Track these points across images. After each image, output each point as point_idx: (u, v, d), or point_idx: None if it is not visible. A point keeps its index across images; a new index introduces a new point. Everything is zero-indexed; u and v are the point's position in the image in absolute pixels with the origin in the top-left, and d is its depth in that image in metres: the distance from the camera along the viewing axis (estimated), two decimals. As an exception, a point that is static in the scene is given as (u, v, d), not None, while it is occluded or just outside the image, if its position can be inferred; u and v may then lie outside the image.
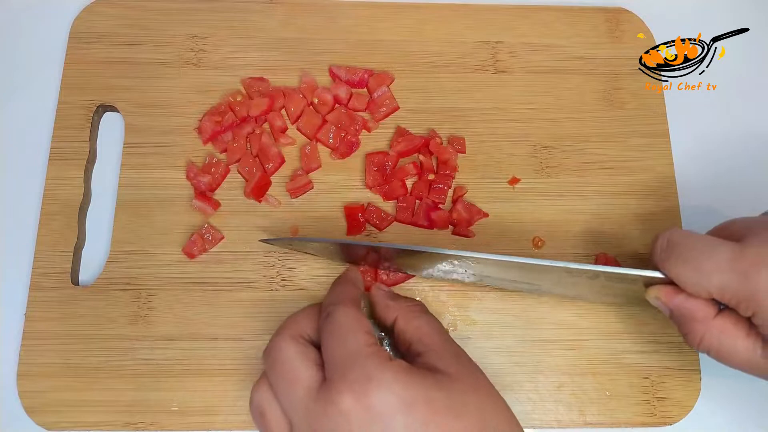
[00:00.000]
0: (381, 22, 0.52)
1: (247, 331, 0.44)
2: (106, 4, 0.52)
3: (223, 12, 0.52)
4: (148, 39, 0.51)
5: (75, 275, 0.46)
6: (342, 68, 0.50)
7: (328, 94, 0.49)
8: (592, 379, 0.44)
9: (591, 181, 0.49)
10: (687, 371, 0.45)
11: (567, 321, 0.46)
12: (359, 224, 0.46)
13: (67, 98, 0.49)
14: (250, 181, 0.47)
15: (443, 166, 0.48)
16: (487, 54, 0.52)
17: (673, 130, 0.51)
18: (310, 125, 0.49)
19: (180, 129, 0.49)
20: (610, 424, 0.44)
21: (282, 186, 0.48)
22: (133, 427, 0.42)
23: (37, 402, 0.43)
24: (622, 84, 0.52)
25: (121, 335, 0.44)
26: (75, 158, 0.48)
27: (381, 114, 0.49)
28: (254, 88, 0.50)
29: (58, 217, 0.46)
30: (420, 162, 0.48)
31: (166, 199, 0.47)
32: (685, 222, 0.48)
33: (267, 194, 0.47)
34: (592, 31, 0.53)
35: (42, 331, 0.44)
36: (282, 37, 0.52)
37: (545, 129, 0.50)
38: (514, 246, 0.47)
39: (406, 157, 0.49)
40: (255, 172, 0.47)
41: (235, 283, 0.45)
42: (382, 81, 0.50)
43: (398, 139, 0.48)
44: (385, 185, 0.47)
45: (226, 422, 0.43)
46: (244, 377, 0.43)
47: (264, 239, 0.46)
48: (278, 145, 0.48)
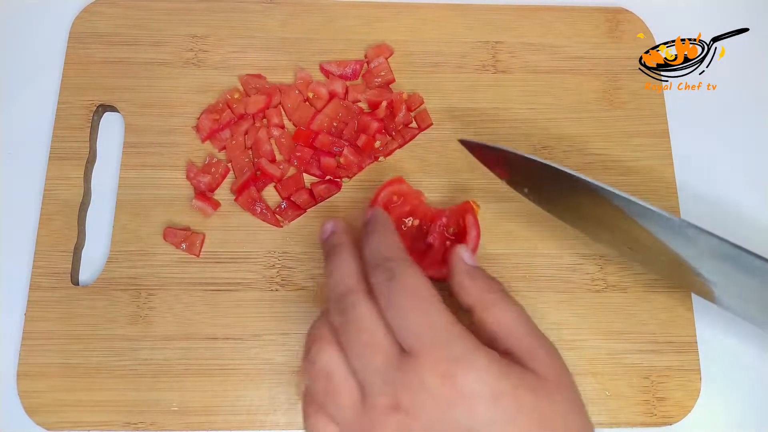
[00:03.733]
0: (381, 22, 0.52)
1: (247, 331, 0.44)
2: (106, 4, 0.52)
3: (223, 12, 0.52)
4: (148, 39, 0.51)
5: (75, 275, 0.46)
6: (332, 63, 0.50)
7: (323, 88, 0.49)
8: (592, 379, 0.44)
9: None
10: (687, 371, 0.45)
11: (567, 321, 0.46)
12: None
13: (67, 98, 0.49)
14: (239, 178, 0.47)
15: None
16: (487, 54, 0.52)
17: (673, 130, 0.51)
18: (304, 120, 0.49)
19: (180, 129, 0.49)
20: (610, 424, 0.44)
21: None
22: (133, 427, 0.42)
23: (37, 402, 0.43)
24: (622, 84, 0.52)
25: (121, 335, 0.44)
26: (75, 158, 0.48)
27: (375, 84, 0.50)
28: (252, 85, 0.50)
29: (58, 217, 0.46)
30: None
31: (166, 199, 0.47)
32: (685, 222, 0.48)
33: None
34: (592, 31, 0.53)
35: (42, 331, 0.44)
36: (282, 37, 0.52)
37: (545, 129, 0.50)
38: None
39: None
40: (246, 172, 0.47)
41: (235, 283, 0.45)
42: (380, 52, 0.51)
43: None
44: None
45: (226, 422, 0.43)
46: (244, 377, 0.43)
47: (463, 140, 0.44)
48: (272, 141, 0.48)
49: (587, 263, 0.47)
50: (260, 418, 0.43)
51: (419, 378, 0.30)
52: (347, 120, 0.49)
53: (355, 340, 0.31)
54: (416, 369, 0.30)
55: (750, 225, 0.50)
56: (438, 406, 0.29)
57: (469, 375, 0.29)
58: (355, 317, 0.32)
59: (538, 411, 0.30)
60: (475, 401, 0.29)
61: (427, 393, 0.29)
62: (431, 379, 0.29)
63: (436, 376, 0.29)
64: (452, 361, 0.30)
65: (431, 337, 0.31)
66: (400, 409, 0.30)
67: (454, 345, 0.30)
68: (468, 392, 0.29)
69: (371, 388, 0.31)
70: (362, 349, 0.31)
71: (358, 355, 0.31)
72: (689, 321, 0.46)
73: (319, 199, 0.47)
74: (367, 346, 0.31)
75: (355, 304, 0.32)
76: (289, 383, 0.44)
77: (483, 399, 0.29)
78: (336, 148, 0.48)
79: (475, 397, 0.29)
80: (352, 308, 0.32)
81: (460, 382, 0.29)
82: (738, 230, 0.49)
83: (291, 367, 0.44)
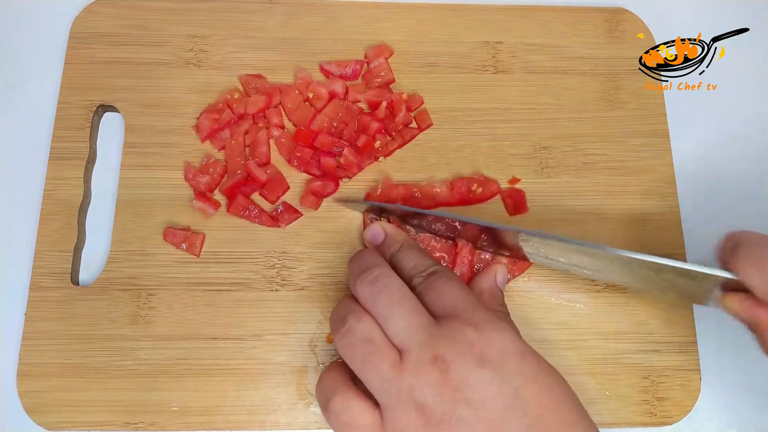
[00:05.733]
0: (381, 22, 0.52)
1: (247, 331, 0.44)
2: (106, 4, 0.52)
3: (223, 12, 0.52)
4: (148, 39, 0.51)
5: (75, 275, 0.46)
6: (332, 63, 0.50)
7: (323, 88, 0.49)
8: (592, 379, 0.44)
9: (591, 181, 0.49)
10: (687, 371, 0.45)
11: (567, 321, 0.46)
12: None
13: (67, 98, 0.49)
14: (229, 179, 0.47)
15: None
16: (486, 54, 0.52)
17: (673, 130, 0.51)
18: (304, 120, 0.49)
19: (180, 129, 0.49)
20: (610, 424, 0.44)
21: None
22: (133, 427, 0.42)
23: (37, 402, 0.43)
24: (622, 84, 0.52)
25: (121, 335, 0.44)
26: (75, 158, 0.48)
27: (375, 84, 0.50)
28: (252, 85, 0.50)
29: (58, 217, 0.46)
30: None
31: (166, 199, 0.47)
32: (685, 222, 0.48)
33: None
34: (591, 31, 0.53)
35: (42, 331, 0.44)
36: (282, 37, 0.52)
37: (545, 129, 0.50)
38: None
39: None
40: (237, 174, 0.47)
41: (235, 283, 0.45)
42: (380, 52, 0.51)
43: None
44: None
45: (226, 422, 0.43)
46: (244, 377, 0.43)
47: (339, 200, 0.47)
48: (271, 141, 0.48)
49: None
50: (260, 418, 0.43)
51: (456, 333, 0.33)
52: (347, 120, 0.49)
53: (389, 305, 0.34)
54: (452, 325, 0.33)
55: (750, 225, 0.50)
56: (474, 357, 0.32)
57: (501, 332, 0.33)
58: (386, 284, 0.35)
59: (555, 375, 0.34)
60: (508, 353, 0.33)
61: (465, 344, 0.32)
62: (468, 332, 0.33)
63: (475, 331, 0.33)
64: (486, 322, 0.34)
65: (465, 306, 0.35)
66: (440, 360, 0.32)
67: (487, 312, 0.35)
68: (501, 344, 0.33)
69: (411, 345, 0.33)
70: (404, 311, 0.34)
71: (400, 317, 0.34)
72: (689, 321, 0.46)
73: (318, 196, 0.47)
74: (409, 310, 0.34)
75: (384, 275, 0.36)
76: (289, 383, 0.44)
77: (513, 353, 0.33)
78: (336, 148, 0.48)
79: (507, 349, 0.33)
80: (383, 277, 0.35)
81: (494, 337, 0.33)
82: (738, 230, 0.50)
83: (291, 367, 0.44)
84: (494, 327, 0.33)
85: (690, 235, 0.48)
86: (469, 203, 0.48)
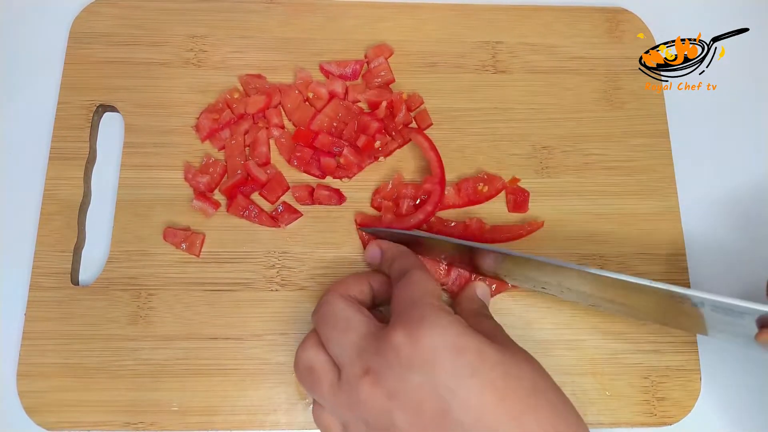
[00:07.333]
0: (381, 22, 0.52)
1: (247, 331, 0.44)
2: (106, 4, 0.52)
3: (223, 12, 0.52)
4: (148, 39, 0.51)
5: (75, 275, 0.46)
6: (332, 63, 0.50)
7: (322, 88, 0.49)
8: (592, 379, 0.44)
9: (591, 181, 0.49)
10: (687, 371, 0.45)
11: (567, 321, 0.46)
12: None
13: (67, 98, 0.49)
14: (229, 179, 0.47)
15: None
16: (486, 54, 0.52)
17: (673, 130, 0.51)
18: (304, 120, 0.49)
19: (180, 129, 0.49)
20: (610, 424, 0.44)
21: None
22: (133, 427, 0.42)
23: (37, 402, 0.43)
24: (622, 84, 0.52)
25: (121, 335, 0.44)
26: (75, 158, 0.48)
27: (375, 84, 0.50)
28: (251, 85, 0.50)
29: (58, 217, 0.46)
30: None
31: (166, 199, 0.47)
32: (685, 222, 0.48)
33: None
34: (591, 31, 0.53)
35: (42, 331, 0.44)
36: (282, 37, 0.52)
37: (545, 129, 0.50)
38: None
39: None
40: (237, 174, 0.47)
41: (235, 283, 0.45)
42: (380, 52, 0.51)
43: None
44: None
45: (226, 422, 0.43)
46: (244, 377, 0.43)
47: (363, 228, 0.46)
48: (271, 141, 0.48)
49: (587, 263, 0.47)
50: (260, 418, 0.43)
51: (387, 340, 0.32)
52: (347, 120, 0.49)
53: (332, 328, 0.35)
54: (386, 331, 0.33)
55: (750, 224, 0.50)
56: (404, 363, 0.32)
57: (433, 330, 0.32)
58: (324, 312, 0.36)
59: (504, 366, 0.32)
60: (439, 354, 0.31)
61: (394, 352, 0.32)
62: (397, 337, 0.32)
63: (403, 334, 0.32)
64: (418, 320, 0.33)
65: (406, 307, 0.34)
66: (370, 373, 0.32)
67: (424, 308, 0.33)
68: (432, 345, 0.31)
69: (343, 363, 0.34)
70: (338, 334, 0.35)
71: (335, 340, 0.34)
72: (689, 321, 0.46)
73: (316, 201, 0.47)
74: (343, 330, 0.35)
75: (326, 302, 0.37)
76: (289, 383, 0.44)
77: (446, 351, 0.31)
78: (336, 148, 0.48)
79: (439, 350, 0.31)
80: (324, 305, 0.37)
81: (424, 336, 0.32)
82: (738, 230, 0.50)
83: (291, 367, 0.44)
84: (426, 325, 0.32)
85: (690, 235, 0.48)
86: (476, 203, 0.47)
